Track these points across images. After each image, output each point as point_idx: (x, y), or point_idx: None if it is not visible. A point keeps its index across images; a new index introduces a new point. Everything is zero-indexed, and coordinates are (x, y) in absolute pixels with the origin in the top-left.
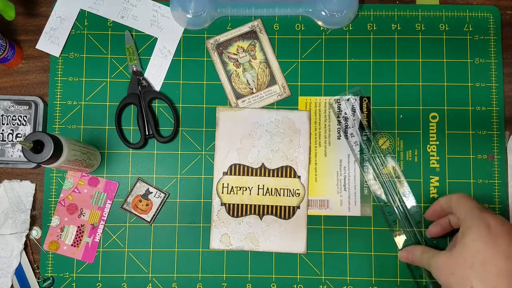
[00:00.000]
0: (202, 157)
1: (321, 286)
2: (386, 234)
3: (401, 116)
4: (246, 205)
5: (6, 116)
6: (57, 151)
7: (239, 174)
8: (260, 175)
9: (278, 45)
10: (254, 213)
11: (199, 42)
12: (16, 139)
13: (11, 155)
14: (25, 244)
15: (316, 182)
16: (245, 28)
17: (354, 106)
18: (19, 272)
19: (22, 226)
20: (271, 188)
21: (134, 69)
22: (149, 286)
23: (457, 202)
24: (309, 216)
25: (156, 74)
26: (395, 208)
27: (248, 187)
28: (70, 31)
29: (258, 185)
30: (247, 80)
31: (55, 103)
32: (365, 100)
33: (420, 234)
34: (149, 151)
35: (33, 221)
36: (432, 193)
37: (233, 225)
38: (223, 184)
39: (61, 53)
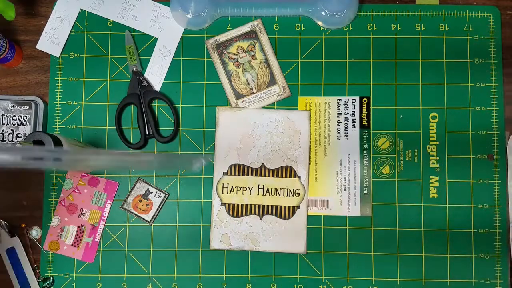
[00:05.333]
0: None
1: (321, 286)
2: (386, 234)
3: (401, 116)
4: (246, 205)
5: (6, 116)
6: None
7: (239, 174)
8: (260, 175)
9: (278, 45)
10: (254, 213)
11: (199, 42)
12: (16, 139)
13: None
14: (25, 244)
15: (316, 182)
16: (245, 28)
17: (354, 106)
18: (19, 272)
19: None
20: (271, 188)
21: (134, 69)
22: (149, 286)
23: None
24: (309, 216)
25: (156, 74)
26: None
27: (248, 187)
28: (70, 31)
29: (258, 185)
30: (247, 80)
31: (55, 103)
32: (365, 100)
33: None
34: (149, 151)
35: (33, 221)
36: (432, 193)
37: (233, 225)
38: (223, 184)
39: (61, 53)
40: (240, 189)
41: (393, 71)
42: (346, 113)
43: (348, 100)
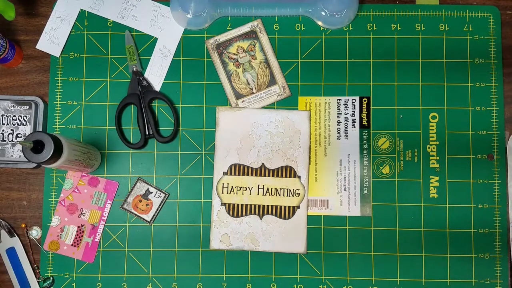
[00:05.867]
0: (202, 157)
1: (321, 286)
2: (386, 234)
3: (401, 116)
4: (246, 205)
5: (6, 116)
6: (57, 151)
7: (239, 174)
8: (260, 175)
9: (278, 45)
10: (254, 213)
11: (199, 42)
12: (16, 139)
13: (11, 155)
14: (25, 244)
15: (316, 182)
16: (245, 28)
17: (354, 106)
18: (19, 272)
19: None
20: (271, 188)
21: (134, 69)
22: (149, 286)
23: None
24: (309, 216)
25: (156, 74)
26: None
27: (248, 187)
28: (70, 31)
29: (258, 185)
30: (247, 80)
31: (55, 103)
32: (365, 100)
33: None
34: (149, 151)
35: (33, 221)
36: (432, 193)
37: (233, 225)
38: (223, 184)
39: (61, 53)
40: (240, 189)
41: (393, 71)
42: (346, 113)
43: (348, 100)
